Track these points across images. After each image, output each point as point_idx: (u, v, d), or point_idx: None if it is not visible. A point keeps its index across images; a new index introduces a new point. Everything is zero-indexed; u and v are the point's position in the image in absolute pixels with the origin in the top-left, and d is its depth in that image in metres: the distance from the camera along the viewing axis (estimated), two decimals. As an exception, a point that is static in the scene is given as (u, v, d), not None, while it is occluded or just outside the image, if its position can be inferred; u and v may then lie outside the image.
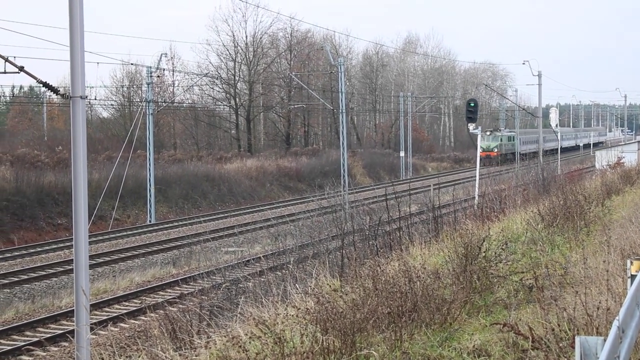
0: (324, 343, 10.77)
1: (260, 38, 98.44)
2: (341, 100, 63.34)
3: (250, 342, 10.90)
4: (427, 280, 14.32)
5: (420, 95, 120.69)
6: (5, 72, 15.64)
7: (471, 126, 43.04)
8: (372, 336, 11.96)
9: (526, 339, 10.89)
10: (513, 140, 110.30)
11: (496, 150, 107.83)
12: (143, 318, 26.88)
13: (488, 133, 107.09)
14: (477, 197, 37.00)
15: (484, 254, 16.33)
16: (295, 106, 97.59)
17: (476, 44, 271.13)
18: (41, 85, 15.84)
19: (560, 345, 10.39)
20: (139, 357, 12.44)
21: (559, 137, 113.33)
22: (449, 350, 11.80)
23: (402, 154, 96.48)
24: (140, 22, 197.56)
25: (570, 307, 11.58)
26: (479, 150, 45.76)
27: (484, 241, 16.79)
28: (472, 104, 42.39)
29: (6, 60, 15.45)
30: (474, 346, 11.84)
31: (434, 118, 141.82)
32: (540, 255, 18.92)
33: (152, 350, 12.15)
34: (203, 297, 18.67)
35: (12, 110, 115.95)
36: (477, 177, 41.56)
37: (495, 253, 16.92)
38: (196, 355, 11.41)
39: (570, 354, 9.97)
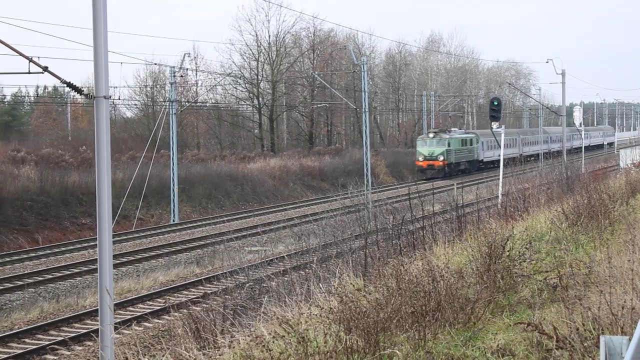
0: (348, 342, 10.76)
1: (283, 37, 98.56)
2: (364, 99, 63.25)
3: (273, 342, 10.90)
4: (450, 279, 14.28)
5: (444, 94, 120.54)
6: (29, 72, 15.66)
7: (495, 125, 42.93)
8: (396, 336, 11.94)
9: (550, 339, 10.85)
10: (471, 144, 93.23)
11: (442, 158, 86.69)
12: (167, 317, 26.93)
13: (431, 135, 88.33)
14: (500, 196, 36.88)
15: (507, 253, 16.27)
16: (318, 105, 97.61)
17: (499, 42, 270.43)
18: (65, 85, 15.87)
19: (585, 344, 10.35)
20: (163, 356, 12.46)
21: (563, 138, 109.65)
22: (472, 350, 11.76)
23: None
24: (163, 22, 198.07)
25: (595, 307, 11.52)
26: (418, 157, 47.32)
27: (507, 240, 16.72)
28: (496, 103, 42.25)
29: (30, 60, 15.49)
30: (497, 346, 11.79)
31: (457, 117, 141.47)
32: (565, 254, 18.82)
33: (176, 349, 12.17)
34: (227, 296, 18.68)
35: (37, 110, 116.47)
36: (501, 176, 41.43)
37: (519, 252, 16.85)
38: (220, 355, 11.42)
39: (595, 354, 9.93)
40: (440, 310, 12.84)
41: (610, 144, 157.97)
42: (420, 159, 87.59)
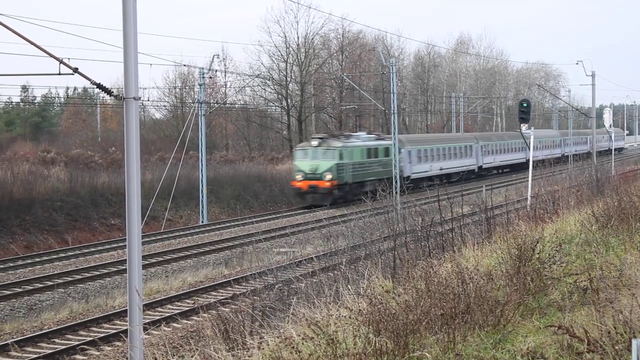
0: (377, 344, 10.73)
1: (312, 39, 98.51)
2: (393, 101, 63.18)
3: (302, 343, 10.88)
4: (480, 281, 14.22)
5: (473, 96, 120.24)
6: (59, 74, 15.68)
7: (524, 127, 42.72)
8: (425, 338, 11.90)
9: (581, 342, 10.79)
10: (387, 154, 67.23)
11: (330, 177, 61.05)
12: (196, 318, 26.97)
13: (315, 143, 63.24)
14: (529, 198, 36.68)
15: (537, 256, 16.18)
16: (347, 107, 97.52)
17: (529, 44, 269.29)
18: (95, 86, 15.91)
19: (616, 348, 10.28)
20: (192, 357, 12.47)
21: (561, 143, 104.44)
22: (502, 353, 11.70)
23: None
24: (192, 23, 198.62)
25: (626, 310, 11.44)
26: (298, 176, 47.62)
27: (537, 242, 16.64)
28: (525, 105, 42.08)
29: (60, 61, 15.53)
30: (527, 348, 11.72)
31: (486, 118, 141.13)
32: (595, 256, 18.68)
33: (205, 350, 12.18)
34: (255, 297, 18.69)
35: (67, 112, 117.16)
36: (530, 178, 41.21)
37: (549, 254, 16.76)
38: (249, 356, 11.42)
39: (627, 357, 9.86)
40: (469, 312, 12.78)
41: (620, 150, 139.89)
42: (299, 177, 62.31)
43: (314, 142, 63.42)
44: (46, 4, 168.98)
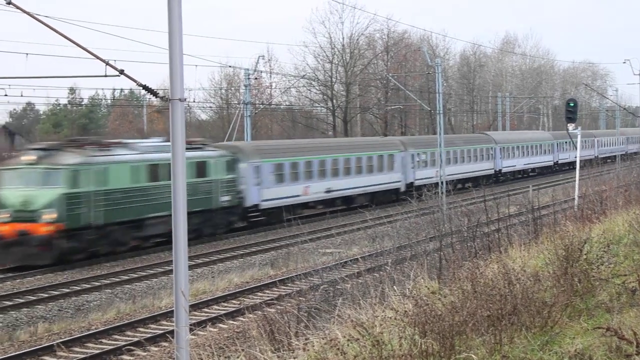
0: (423, 346, 10.68)
1: (357, 39, 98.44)
2: (438, 101, 62.97)
3: (348, 345, 10.86)
4: (526, 282, 14.12)
5: (519, 96, 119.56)
6: (105, 76, 15.76)
7: (570, 126, 42.43)
8: (471, 339, 11.82)
9: (630, 344, 10.67)
10: (205, 174, 46.84)
11: (50, 216, 38.29)
12: (241, 319, 27.02)
13: (31, 158, 40.21)
14: (577, 198, 36.44)
15: (585, 256, 16.04)
16: (392, 107, 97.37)
17: (575, 43, 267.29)
18: (141, 88, 15.99)
19: (666, 350, 10.15)
20: (238, 358, 12.48)
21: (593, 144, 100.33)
22: (549, 355, 11.61)
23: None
24: (237, 24, 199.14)
25: (676, 311, 11.32)
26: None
27: (585, 243, 16.50)
28: (572, 104, 41.82)
29: (107, 63, 15.60)
30: (575, 350, 11.62)
31: (532, 118, 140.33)
32: (644, 257, 18.53)
33: (251, 351, 12.19)
34: (301, 298, 18.70)
35: (113, 113, 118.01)
36: (577, 178, 40.94)
37: (596, 255, 16.62)
38: (294, 357, 11.40)
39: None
40: (516, 313, 12.69)
41: (634, 154, 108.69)
42: (3, 217, 39.12)
43: (30, 157, 40.18)
44: (92, 6, 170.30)
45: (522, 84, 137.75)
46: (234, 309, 28.97)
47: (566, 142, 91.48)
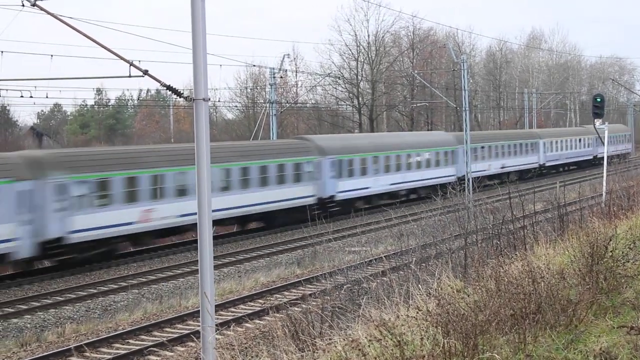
0: (445, 346, 10.64)
1: (383, 37, 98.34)
2: (464, 97, 62.80)
3: (369, 345, 10.82)
4: (551, 280, 14.04)
5: (545, 92, 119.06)
6: (130, 76, 15.84)
7: (598, 122, 42.24)
8: (495, 339, 11.76)
9: (656, 342, 10.61)
10: None
11: None
12: (268, 318, 27.05)
13: None
14: (604, 194, 36.23)
15: (610, 253, 15.93)
16: (418, 104, 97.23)
17: (602, 38, 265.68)
18: (165, 88, 16.05)
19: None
20: (262, 358, 12.49)
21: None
22: (574, 353, 11.53)
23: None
24: (262, 24, 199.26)
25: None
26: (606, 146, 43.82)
27: (610, 240, 16.39)
28: (599, 100, 41.65)
29: (131, 64, 15.68)
30: (600, 349, 11.54)
31: (559, 114, 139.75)
32: (671, 254, 18.37)
33: (274, 352, 12.19)
34: (325, 297, 18.67)
35: (140, 113, 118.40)
36: (605, 174, 40.73)
37: (622, 252, 16.50)
38: (316, 358, 11.38)
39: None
40: (540, 312, 12.62)
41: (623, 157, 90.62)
42: None
43: None
44: (115, 7, 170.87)
45: (548, 79, 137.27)
46: (259, 308, 29.01)
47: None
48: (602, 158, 44.36)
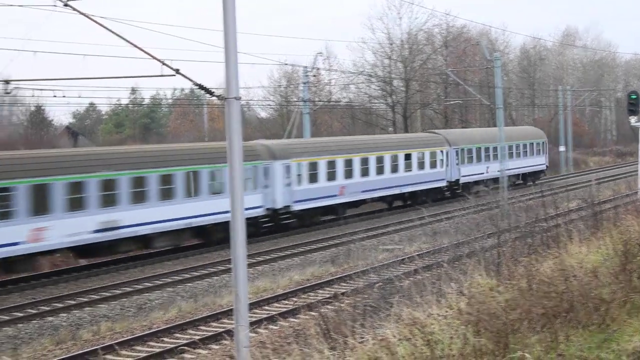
0: (476, 345, 10.62)
1: (416, 35, 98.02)
2: (498, 95, 62.49)
3: (399, 344, 10.82)
4: (584, 279, 13.98)
5: (580, 89, 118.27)
6: (162, 75, 15.94)
7: (633, 119, 41.97)
8: (526, 337, 11.72)
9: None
10: None
11: None
12: (302, 317, 27.05)
13: None
14: (640, 192, 36.03)
15: (644, 252, 15.85)
16: (452, 102, 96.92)
17: (638, 34, 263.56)
18: (197, 87, 16.13)
19: None
20: (294, 356, 12.52)
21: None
22: (607, 352, 11.48)
23: (561, 148, 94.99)
24: (295, 22, 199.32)
25: None
26: None
27: (644, 238, 16.31)
28: (634, 96, 41.38)
29: (162, 63, 15.78)
30: (633, 348, 11.49)
31: (594, 111, 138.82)
32: None
33: (306, 350, 12.21)
34: (358, 296, 18.69)
35: (174, 112, 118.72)
36: (640, 171, 40.47)
37: (656, 251, 16.39)
38: (346, 357, 11.40)
39: None
40: (573, 311, 12.57)
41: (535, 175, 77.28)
42: None
43: None
44: (147, 6, 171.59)
45: (583, 77, 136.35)
46: (293, 306, 29.01)
47: None
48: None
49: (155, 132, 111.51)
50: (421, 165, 60.40)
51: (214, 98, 16.24)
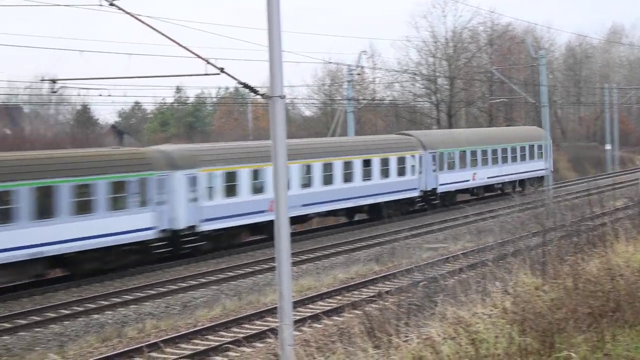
0: (521, 344, 10.56)
1: (460, 33, 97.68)
2: (543, 93, 62.11)
3: (444, 343, 10.79)
4: (631, 278, 13.86)
5: (627, 87, 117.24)
6: (206, 74, 15.99)
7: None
8: (572, 337, 11.64)
9: None
10: None
11: None
12: (346, 315, 27.04)
13: None
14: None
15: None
16: (497, 100, 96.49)
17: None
18: (241, 86, 16.16)
19: None
20: (339, 354, 12.52)
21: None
22: (654, 352, 11.38)
23: (607, 146, 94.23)
24: (340, 21, 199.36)
25: None
26: None
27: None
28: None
29: (207, 62, 15.82)
30: (680, 348, 11.38)
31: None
32: None
33: (350, 349, 12.21)
34: (402, 295, 18.65)
35: (219, 111, 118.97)
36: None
37: None
38: (392, 356, 11.38)
39: None
40: (619, 310, 12.46)
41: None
42: None
43: None
44: (190, 5, 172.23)
45: (630, 74, 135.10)
46: (337, 305, 29.00)
47: None
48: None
49: (200, 130, 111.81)
50: (385, 173, 52.25)
51: (258, 97, 16.26)
